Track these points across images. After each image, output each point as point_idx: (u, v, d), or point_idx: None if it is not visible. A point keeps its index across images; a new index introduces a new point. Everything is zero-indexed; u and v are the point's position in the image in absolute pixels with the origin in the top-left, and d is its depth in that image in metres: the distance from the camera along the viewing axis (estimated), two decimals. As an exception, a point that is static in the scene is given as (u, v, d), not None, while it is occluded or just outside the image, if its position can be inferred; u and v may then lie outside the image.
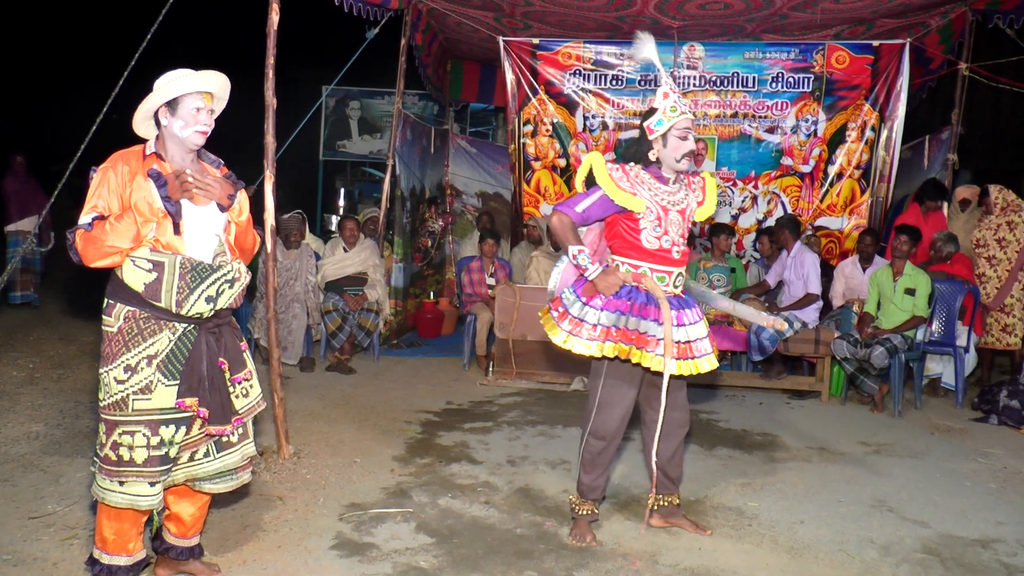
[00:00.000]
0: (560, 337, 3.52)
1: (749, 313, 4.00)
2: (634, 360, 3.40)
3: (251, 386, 3.18)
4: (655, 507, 3.82)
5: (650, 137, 3.52)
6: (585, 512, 3.70)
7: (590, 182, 3.59)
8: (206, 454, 3.08)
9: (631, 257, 3.55)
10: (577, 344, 3.46)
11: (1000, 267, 7.05)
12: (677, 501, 3.86)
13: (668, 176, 3.57)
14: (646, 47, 3.60)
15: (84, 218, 2.83)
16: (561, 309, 3.58)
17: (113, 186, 2.85)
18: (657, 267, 3.53)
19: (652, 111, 3.53)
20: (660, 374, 3.45)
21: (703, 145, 8.69)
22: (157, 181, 2.87)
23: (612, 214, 3.55)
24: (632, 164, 3.61)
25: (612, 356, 3.43)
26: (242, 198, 3.14)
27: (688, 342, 3.50)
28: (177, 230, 2.91)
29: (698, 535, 3.77)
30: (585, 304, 3.52)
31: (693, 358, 3.51)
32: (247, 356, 3.18)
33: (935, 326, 6.81)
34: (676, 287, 3.59)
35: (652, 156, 3.54)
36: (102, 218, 2.81)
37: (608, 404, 3.57)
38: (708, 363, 3.56)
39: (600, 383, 3.58)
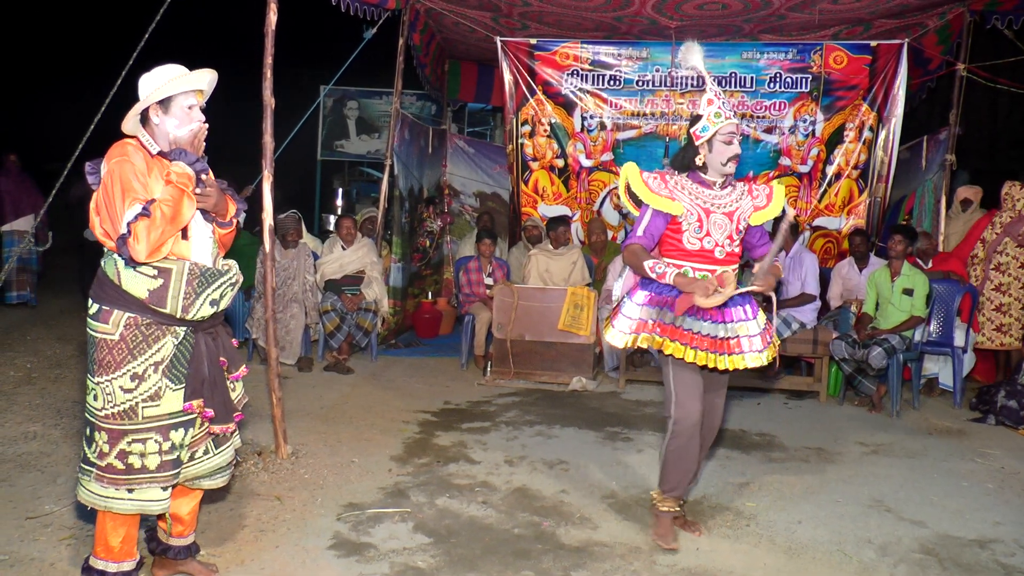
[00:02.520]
0: (609, 333, 3.70)
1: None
2: (666, 351, 3.49)
3: (238, 381, 3.20)
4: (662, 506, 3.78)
5: (696, 143, 3.61)
6: (667, 509, 3.69)
7: (634, 196, 3.65)
8: (205, 452, 3.09)
9: (675, 257, 3.62)
10: (611, 335, 3.65)
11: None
12: (682, 501, 3.86)
13: (713, 180, 3.64)
14: (694, 56, 3.72)
15: (132, 211, 2.72)
16: (620, 315, 3.71)
17: (139, 173, 2.79)
18: (699, 266, 3.59)
19: (697, 118, 3.61)
20: (713, 370, 3.53)
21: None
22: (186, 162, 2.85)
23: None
24: (673, 172, 3.71)
25: (645, 347, 3.58)
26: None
27: (728, 339, 3.52)
28: (184, 235, 2.90)
29: (691, 534, 3.79)
30: (629, 299, 3.68)
31: (733, 353, 3.51)
32: (242, 355, 3.18)
33: (933, 326, 6.82)
34: None
35: (699, 161, 3.62)
36: (151, 202, 2.75)
37: (685, 392, 3.58)
38: (755, 359, 3.54)
39: (671, 374, 3.61)
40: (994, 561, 3.64)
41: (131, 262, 2.77)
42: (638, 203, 3.67)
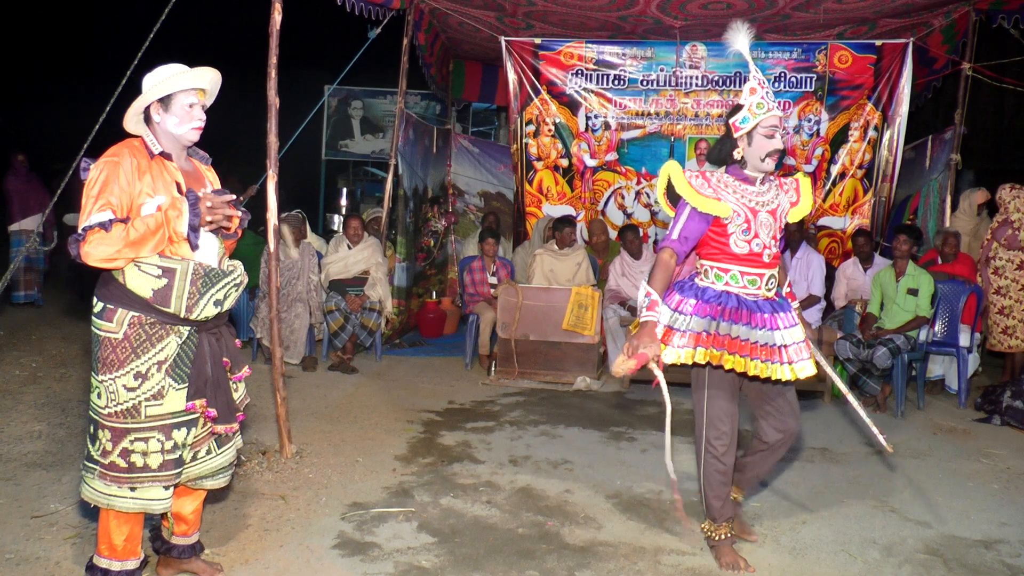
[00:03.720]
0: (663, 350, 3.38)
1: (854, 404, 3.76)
2: (727, 366, 3.26)
3: (241, 382, 3.21)
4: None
5: (735, 135, 3.37)
6: (723, 536, 3.51)
7: (672, 195, 3.45)
8: (208, 452, 3.09)
9: (720, 261, 3.40)
10: (668, 353, 3.30)
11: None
12: (740, 498, 3.79)
13: (754, 176, 3.41)
14: (739, 39, 3.44)
15: (99, 215, 2.73)
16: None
17: (123, 182, 2.79)
18: (747, 270, 3.38)
19: (738, 108, 3.37)
20: (766, 380, 3.36)
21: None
22: (192, 207, 2.83)
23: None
24: (712, 170, 3.49)
25: (704, 362, 3.28)
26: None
27: (783, 346, 3.33)
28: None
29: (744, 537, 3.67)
30: (674, 311, 3.37)
31: (789, 362, 3.31)
32: (245, 355, 3.19)
33: (938, 327, 6.80)
34: (768, 290, 3.42)
35: (737, 155, 3.38)
36: (120, 221, 2.74)
37: (719, 418, 3.44)
38: (806, 368, 3.36)
39: (705, 396, 3.45)
40: (999, 562, 3.63)
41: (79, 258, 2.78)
42: (674, 203, 3.46)
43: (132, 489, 2.86)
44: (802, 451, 5.22)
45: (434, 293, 9.50)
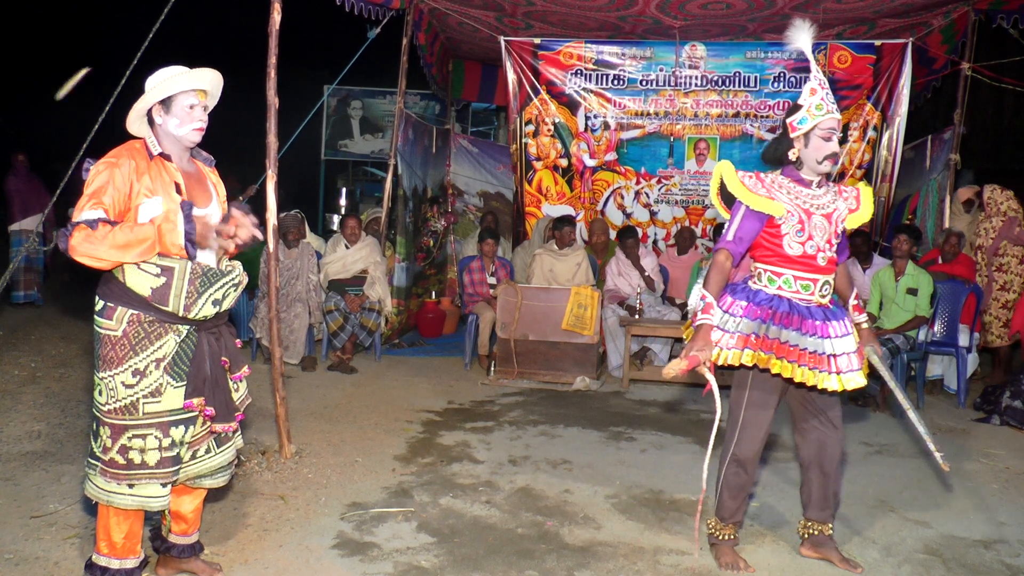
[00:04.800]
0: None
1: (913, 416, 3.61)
2: (774, 370, 3.21)
3: (242, 382, 3.21)
4: (805, 535, 3.60)
5: (792, 135, 3.33)
6: (727, 537, 3.51)
7: (725, 196, 3.44)
8: (207, 451, 3.10)
9: (773, 264, 3.35)
10: (717, 354, 3.28)
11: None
12: (830, 531, 3.58)
13: (810, 178, 3.37)
14: (802, 37, 3.43)
15: (90, 213, 2.74)
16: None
17: (119, 184, 2.80)
18: (801, 274, 3.32)
19: (796, 107, 3.33)
20: (812, 388, 3.30)
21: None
22: (187, 217, 2.82)
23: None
24: (767, 172, 3.46)
25: (751, 364, 3.23)
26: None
27: (833, 355, 3.25)
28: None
29: (847, 571, 3.47)
30: (725, 312, 3.34)
31: (838, 372, 3.24)
32: (244, 355, 3.19)
33: (937, 327, 6.81)
34: (822, 296, 3.36)
35: (792, 156, 3.34)
36: (108, 222, 2.75)
37: (753, 424, 3.39)
38: (854, 379, 3.27)
39: (744, 398, 3.41)
40: (999, 562, 3.63)
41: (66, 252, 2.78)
42: (728, 204, 3.44)
43: (130, 486, 2.87)
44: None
45: (433, 293, 9.51)
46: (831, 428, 3.48)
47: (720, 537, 3.52)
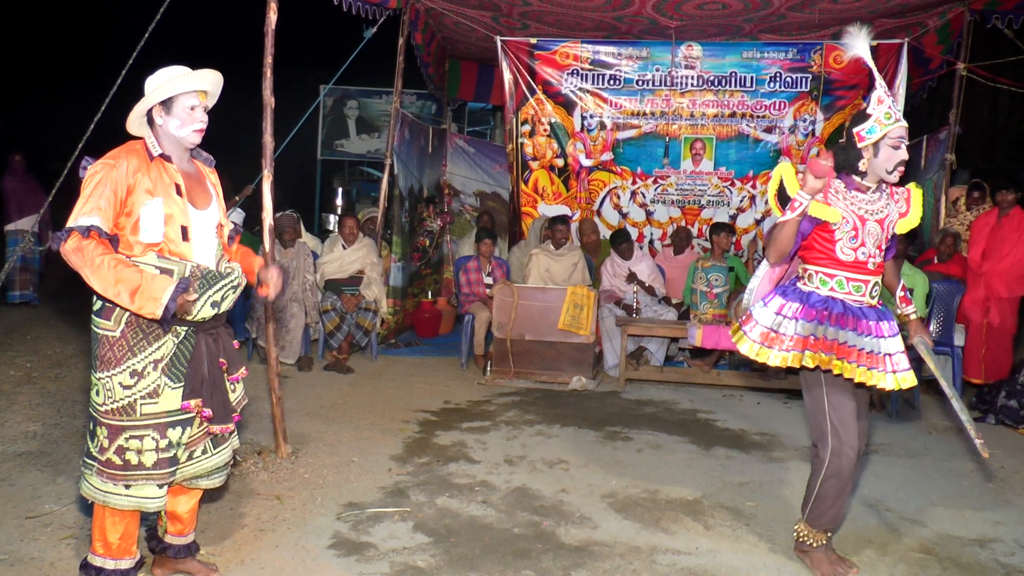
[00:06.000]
0: (747, 346, 3.39)
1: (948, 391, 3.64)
2: (835, 371, 3.21)
3: (239, 383, 3.22)
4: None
5: (860, 144, 3.28)
6: (820, 543, 3.45)
7: (782, 196, 3.42)
8: (204, 451, 3.10)
9: (824, 266, 3.36)
10: (773, 356, 3.29)
11: None
12: (829, 534, 3.54)
13: (868, 185, 3.35)
14: (861, 43, 3.41)
15: (85, 219, 2.73)
16: (753, 322, 3.44)
17: (115, 186, 2.79)
18: (853, 276, 3.34)
19: (863, 117, 3.30)
20: (862, 386, 3.32)
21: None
22: (174, 296, 2.76)
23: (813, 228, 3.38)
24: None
25: (812, 366, 3.24)
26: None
27: (888, 355, 3.29)
28: (186, 236, 2.90)
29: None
30: (777, 314, 3.36)
31: (893, 372, 3.27)
32: (242, 356, 3.19)
33: (932, 327, 6.81)
34: (872, 298, 3.38)
35: (862, 167, 3.30)
36: (100, 231, 2.73)
37: (844, 421, 3.32)
38: (908, 378, 3.29)
39: (825, 402, 3.36)
40: (994, 560, 3.65)
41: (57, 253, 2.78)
42: (783, 204, 3.41)
43: (127, 487, 2.87)
44: (797, 450, 5.23)
45: (430, 293, 9.50)
46: (863, 427, 3.49)
47: (812, 544, 3.46)
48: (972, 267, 6.86)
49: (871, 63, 3.40)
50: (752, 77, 8.69)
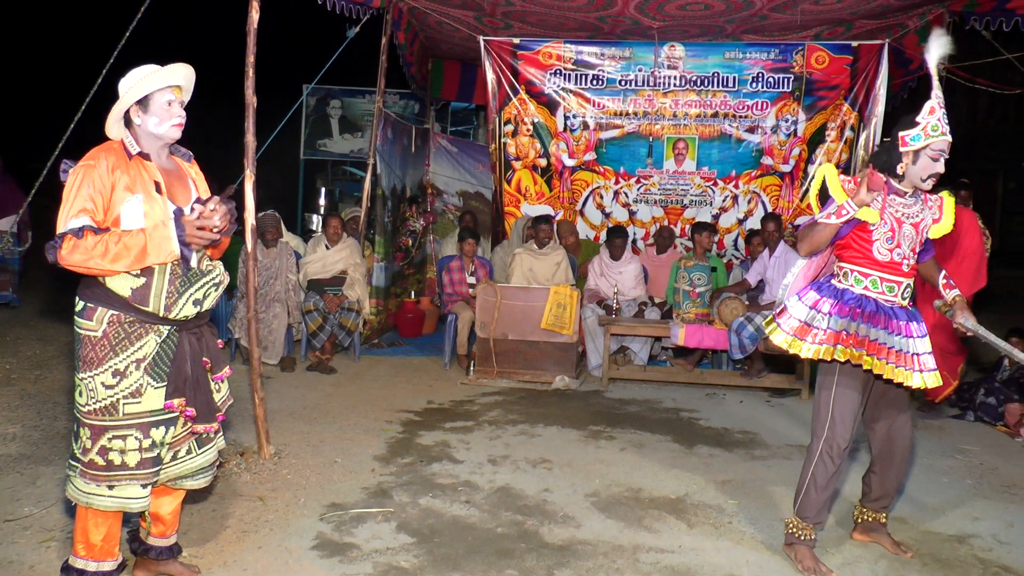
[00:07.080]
0: (780, 337, 3.48)
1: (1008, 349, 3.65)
2: (865, 367, 3.32)
3: (223, 383, 3.20)
4: (859, 519, 3.78)
5: (902, 149, 3.36)
6: (808, 537, 3.52)
7: (823, 196, 3.48)
8: (188, 452, 3.08)
9: (860, 265, 3.45)
10: (806, 348, 3.39)
11: None
12: (884, 519, 3.75)
13: (905, 189, 3.44)
14: (940, 47, 3.52)
15: (74, 222, 2.72)
16: (787, 314, 3.53)
17: (98, 186, 2.78)
18: (887, 276, 3.43)
19: (912, 123, 3.36)
20: (894, 383, 3.40)
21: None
22: (177, 221, 2.81)
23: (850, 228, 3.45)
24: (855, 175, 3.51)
25: (843, 360, 3.33)
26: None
27: (916, 354, 3.39)
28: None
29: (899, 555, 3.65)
30: (811, 309, 3.46)
31: (922, 371, 3.38)
32: (226, 355, 3.18)
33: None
34: (904, 299, 3.46)
35: (900, 170, 3.39)
36: (94, 229, 2.73)
37: (843, 417, 3.43)
38: (934, 378, 3.40)
39: (832, 393, 3.45)
40: (973, 556, 3.68)
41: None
42: (823, 201, 3.49)
43: (110, 487, 2.85)
44: (779, 448, 5.26)
45: (413, 293, 9.48)
46: (905, 422, 3.60)
47: (800, 537, 3.52)
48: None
49: (934, 71, 3.49)
50: (734, 77, 8.73)
